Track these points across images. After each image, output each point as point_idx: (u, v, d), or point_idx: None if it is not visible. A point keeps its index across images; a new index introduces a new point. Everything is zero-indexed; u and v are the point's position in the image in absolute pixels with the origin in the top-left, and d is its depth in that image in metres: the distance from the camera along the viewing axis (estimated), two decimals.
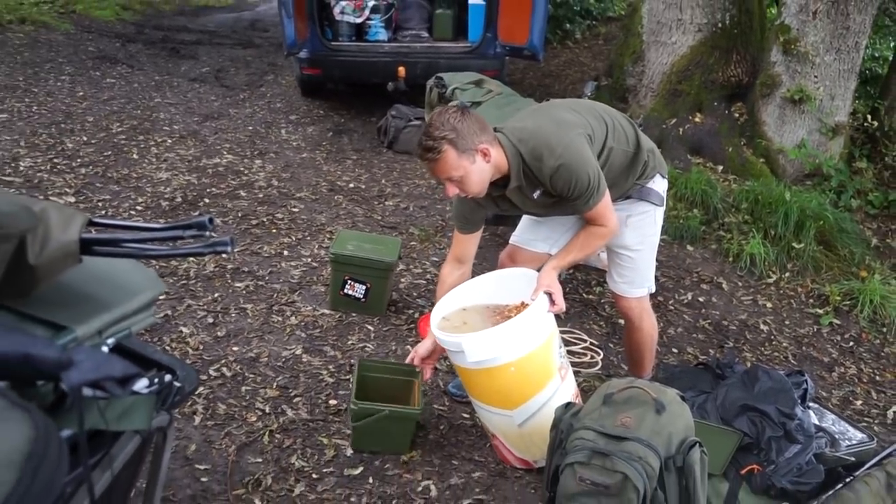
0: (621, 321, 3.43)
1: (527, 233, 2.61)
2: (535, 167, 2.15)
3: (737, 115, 5.32)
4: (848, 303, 3.85)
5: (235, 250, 3.67)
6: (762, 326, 3.64)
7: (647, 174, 2.40)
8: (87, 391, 1.01)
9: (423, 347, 2.41)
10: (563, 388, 2.28)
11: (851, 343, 3.61)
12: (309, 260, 3.70)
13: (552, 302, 2.22)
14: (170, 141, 5.10)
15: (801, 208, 4.29)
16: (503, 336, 2.13)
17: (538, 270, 2.34)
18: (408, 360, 2.46)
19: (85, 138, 4.92)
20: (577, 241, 2.34)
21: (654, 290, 2.62)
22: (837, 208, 4.60)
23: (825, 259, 4.19)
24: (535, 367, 2.21)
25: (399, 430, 2.41)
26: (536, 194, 2.24)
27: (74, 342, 1.22)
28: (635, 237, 2.48)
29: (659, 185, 2.45)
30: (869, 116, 5.25)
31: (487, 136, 2.13)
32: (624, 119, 2.39)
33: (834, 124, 4.97)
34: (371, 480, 2.33)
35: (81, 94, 5.83)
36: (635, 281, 2.56)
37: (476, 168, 2.12)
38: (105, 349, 1.28)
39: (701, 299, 3.81)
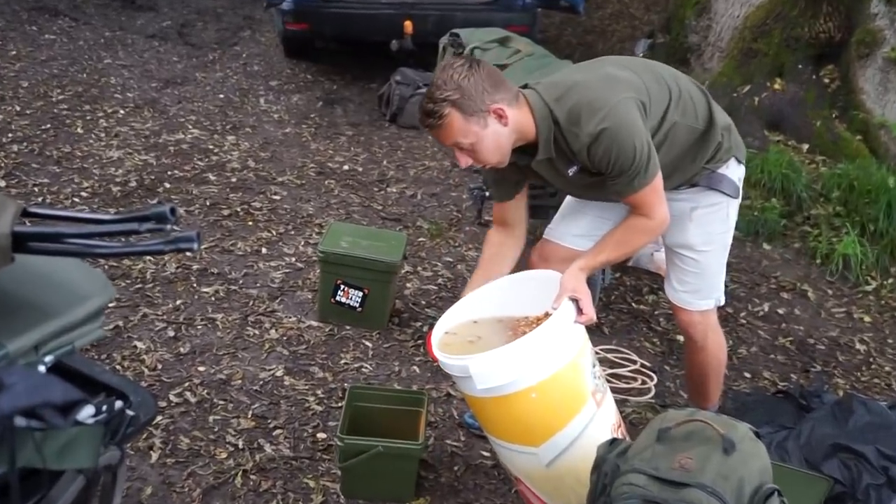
0: (681, 338, 3.42)
1: (563, 225, 2.61)
2: (571, 134, 2.14)
3: (827, 80, 5.29)
4: None
5: (202, 247, 3.69)
6: (858, 346, 3.62)
7: (720, 157, 2.37)
8: (20, 421, 1.02)
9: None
10: (599, 417, 2.26)
11: None
12: (293, 259, 3.72)
13: (579, 311, 2.20)
14: (122, 112, 5.14)
15: None
16: (519, 355, 2.10)
17: None
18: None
19: (18, 108, 4.98)
20: (614, 236, 2.31)
21: (722, 302, 2.60)
22: None
23: None
24: (562, 391, 2.19)
25: (398, 471, 2.41)
26: (572, 171, 2.22)
27: (5, 360, 1.24)
28: (702, 235, 2.46)
29: (734, 171, 2.43)
30: None
31: (504, 94, 2.13)
32: (694, 87, 2.37)
33: None
34: None
35: (14, 53, 5.89)
36: (701, 290, 2.54)
37: (490, 133, 2.12)
38: (42, 369, 1.29)
39: (781, 311, 3.79)
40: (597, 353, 3.27)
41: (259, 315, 3.30)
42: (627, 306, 3.68)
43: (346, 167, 4.77)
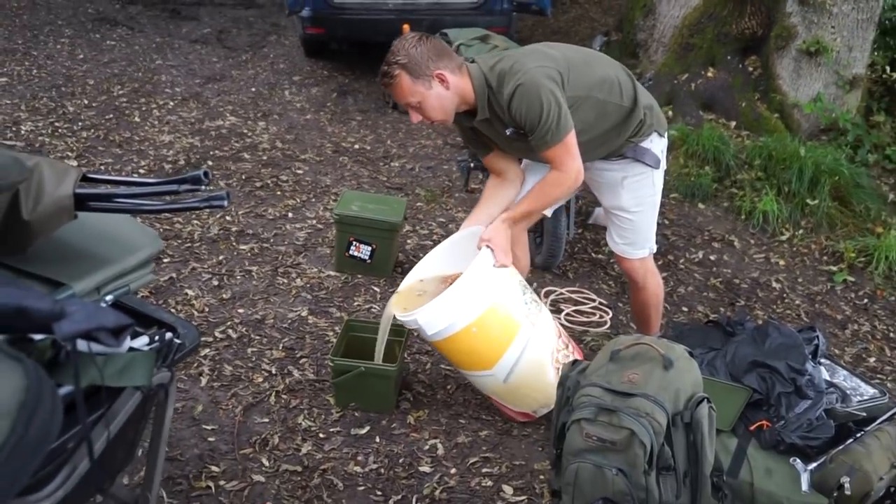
0: None
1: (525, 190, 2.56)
2: (500, 95, 2.14)
3: (751, 68, 5.22)
4: (862, 260, 3.82)
5: (240, 212, 3.66)
6: (774, 284, 3.61)
7: (644, 132, 2.33)
8: (83, 346, 1.01)
9: None
10: (538, 335, 2.26)
11: (866, 300, 3.59)
12: (314, 222, 3.69)
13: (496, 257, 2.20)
14: (172, 103, 5.06)
15: (815, 164, 4.21)
16: (450, 302, 2.12)
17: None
18: None
19: (86, 101, 4.90)
20: (533, 190, 2.29)
21: (655, 250, 2.58)
22: (853, 164, 4.52)
23: (840, 215, 4.14)
24: (498, 322, 2.20)
25: (379, 387, 2.41)
26: (509, 132, 2.21)
27: (72, 299, 1.22)
28: (632, 199, 2.43)
29: (656, 144, 2.39)
30: (888, 68, 5.13)
31: (446, 63, 2.14)
32: (623, 73, 2.34)
33: (851, 77, 4.87)
34: (378, 440, 2.35)
35: (81, 56, 5.79)
36: (636, 242, 2.52)
37: (433, 94, 2.15)
38: (103, 306, 1.28)
39: (712, 258, 3.78)
40: (562, 293, 3.29)
41: (287, 267, 3.28)
42: (588, 256, 3.67)
43: (356, 146, 4.72)
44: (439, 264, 2.41)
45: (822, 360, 2.46)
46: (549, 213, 2.66)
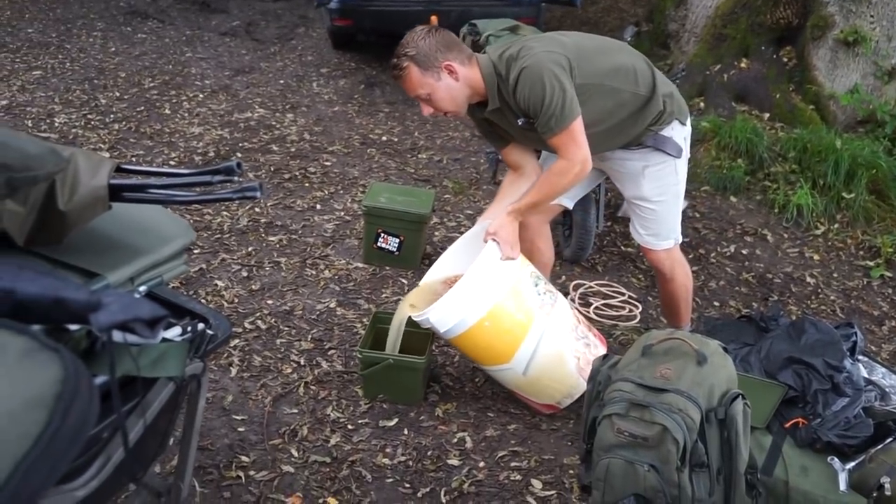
0: None
1: None
2: (507, 82, 2.12)
3: (785, 59, 5.11)
4: None
5: (269, 204, 3.68)
6: (809, 279, 3.54)
7: (664, 120, 2.29)
8: (118, 337, 1.01)
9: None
10: (553, 324, 2.24)
11: None
12: (342, 213, 3.69)
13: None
14: (201, 96, 5.10)
15: (852, 156, 4.12)
16: (459, 298, 2.12)
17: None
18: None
19: (118, 94, 4.96)
20: (539, 180, 2.26)
21: (680, 241, 2.54)
22: (891, 156, 4.40)
23: (877, 209, 4.04)
24: (510, 314, 2.19)
25: (407, 379, 2.40)
26: (521, 122, 2.19)
27: (107, 289, 1.23)
28: (655, 189, 2.39)
29: (678, 132, 2.34)
30: None
31: (455, 55, 2.14)
32: (642, 61, 2.30)
33: (890, 67, 4.74)
34: (406, 432, 2.35)
35: (113, 49, 5.86)
36: (660, 233, 2.48)
37: (443, 85, 2.14)
38: (137, 297, 1.28)
39: (744, 252, 3.72)
40: (591, 287, 3.26)
41: (315, 259, 3.29)
42: (617, 249, 3.63)
43: (384, 138, 4.71)
44: (454, 264, 2.40)
45: (860, 357, 2.41)
46: (570, 204, 2.62)
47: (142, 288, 1.31)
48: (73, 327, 1.04)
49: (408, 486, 2.15)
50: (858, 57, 4.73)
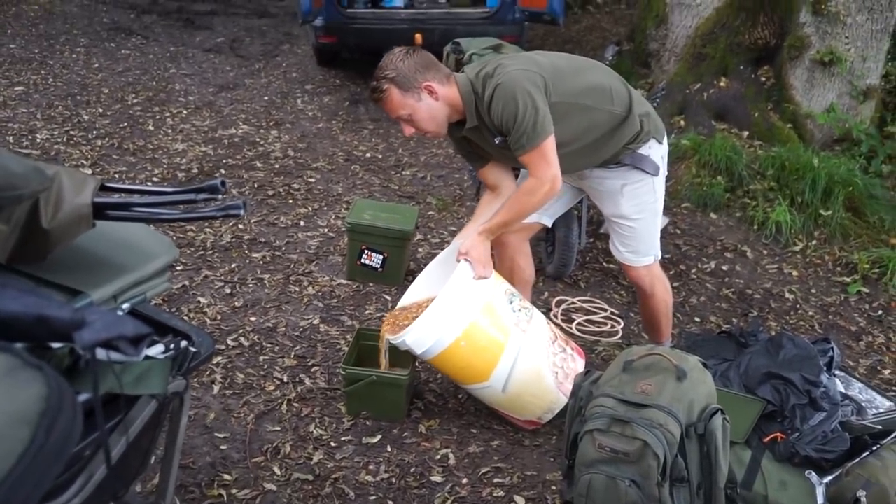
0: None
1: None
2: (483, 99, 2.14)
3: (763, 79, 5.20)
4: (877, 271, 3.78)
5: (252, 220, 3.68)
6: (787, 295, 3.59)
7: (641, 139, 2.31)
8: (101, 354, 1.02)
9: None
10: (529, 341, 2.26)
11: (880, 312, 3.56)
12: (326, 230, 3.70)
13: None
14: (185, 112, 5.11)
15: (829, 174, 4.19)
16: (433, 320, 2.13)
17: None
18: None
19: (101, 110, 4.95)
20: (509, 200, 2.27)
21: (660, 257, 2.56)
22: (867, 174, 4.49)
23: (854, 226, 4.11)
24: (485, 333, 2.21)
25: (390, 396, 2.41)
26: (498, 140, 2.21)
27: (90, 307, 1.24)
28: (633, 207, 2.41)
29: (655, 151, 2.37)
30: None
31: (434, 74, 2.16)
32: (618, 81, 2.33)
33: (865, 87, 4.85)
34: (389, 449, 2.35)
35: (97, 65, 5.85)
36: (639, 250, 2.50)
37: (423, 106, 2.16)
38: (120, 314, 1.29)
39: (724, 268, 3.76)
40: (573, 303, 3.28)
41: (299, 275, 3.29)
42: (599, 265, 3.66)
43: (368, 155, 4.74)
44: (429, 285, 2.42)
45: (837, 372, 2.45)
46: (548, 222, 2.64)
47: (125, 305, 1.32)
48: (57, 345, 1.04)
49: (391, 503, 2.15)
50: (834, 77, 4.83)
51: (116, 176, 4.05)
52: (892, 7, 4.71)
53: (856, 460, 2.03)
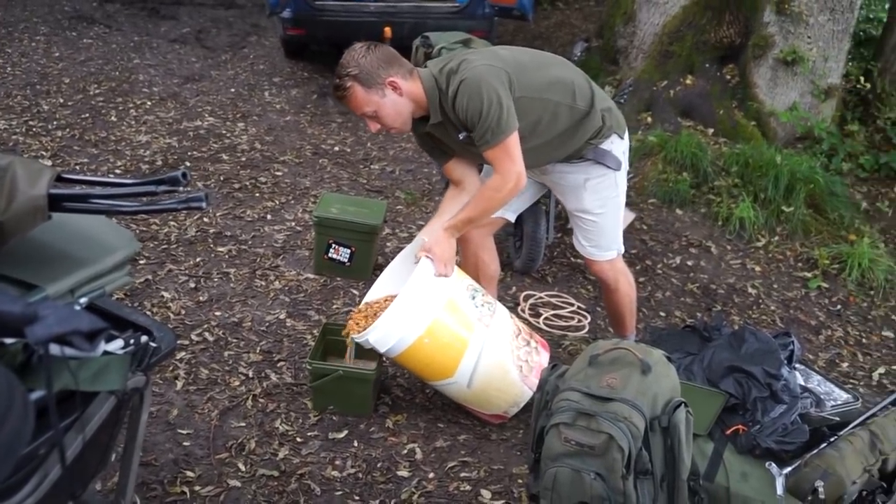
0: None
1: None
2: (447, 95, 2.13)
3: (728, 77, 5.27)
4: (836, 266, 3.87)
5: (218, 214, 3.63)
6: (750, 290, 3.65)
7: (603, 134, 2.33)
8: (55, 350, 0.99)
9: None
10: (493, 335, 2.27)
11: (839, 306, 3.64)
12: (293, 224, 3.66)
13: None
14: (149, 103, 5.01)
15: (791, 171, 4.27)
16: (395, 318, 2.13)
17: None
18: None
19: (61, 100, 4.83)
20: (474, 197, 2.28)
21: (623, 251, 2.58)
22: (828, 171, 4.59)
23: (814, 223, 4.19)
24: (448, 329, 2.21)
25: (358, 391, 2.40)
26: (462, 136, 2.20)
27: (45, 301, 1.20)
28: (595, 201, 2.43)
29: (617, 146, 2.38)
30: (862, 79, 5.21)
31: (397, 70, 2.14)
32: (581, 77, 2.34)
33: (826, 86, 4.94)
34: (356, 444, 2.33)
35: (57, 54, 5.71)
36: (602, 244, 2.52)
37: (388, 102, 2.15)
38: (77, 308, 1.26)
39: (689, 263, 3.81)
40: (541, 297, 3.30)
41: (265, 269, 3.25)
42: (567, 260, 3.69)
43: (336, 148, 4.70)
44: (393, 282, 2.40)
45: (797, 366, 2.49)
46: (512, 217, 2.64)
47: (83, 300, 1.29)
48: (9, 340, 1.01)
49: (357, 498, 2.14)
50: (797, 76, 4.92)
51: (77, 168, 3.96)
52: (852, 8, 4.80)
53: (814, 451, 2.06)
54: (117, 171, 3.98)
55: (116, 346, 1.27)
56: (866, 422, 2.17)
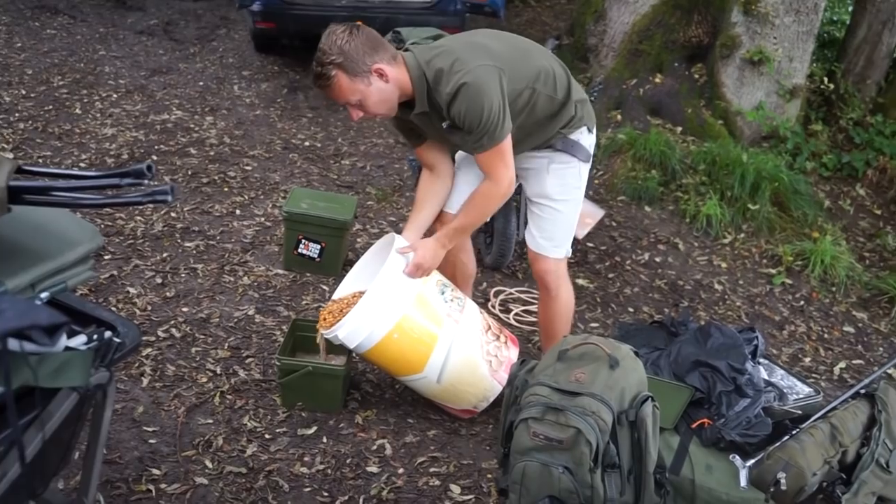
0: (579, 281, 3.47)
1: (455, 196, 2.40)
2: (437, 93, 2.06)
3: (697, 76, 5.34)
4: (800, 263, 3.95)
5: (185, 209, 3.58)
6: (716, 286, 3.71)
7: (574, 125, 2.29)
8: (14, 345, 0.97)
9: None
10: (462, 331, 2.28)
11: (802, 302, 3.71)
12: (262, 219, 3.63)
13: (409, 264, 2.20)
14: (115, 96, 4.92)
15: (757, 170, 4.34)
16: (364, 313, 2.13)
17: None
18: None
19: (24, 92, 4.72)
20: (465, 205, 2.24)
21: (570, 255, 2.48)
22: (792, 170, 4.68)
23: (779, 220, 4.27)
24: (418, 324, 2.22)
25: (327, 387, 2.39)
26: (445, 125, 2.14)
27: (4, 295, 1.17)
28: (558, 187, 2.33)
29: (585, 139, 2.34)
30: (825, 79, 5.32)
31: (383, 55, 2.03)
32: (558, 65, 2.29)
33: (791, 87, 5.03)
34: (325, 440, 2.32)
35: (19, 45, 5.58)
36: (554, 237, 2.39)
37: (374, 90, 2.04)
38: (37, 303, 1.23)
39: (657, 259, 3.86)
40: (511, 293, 3.31)
41: (234, 265, 3.22)
42: None
43: (307, 143, 4.66)
44: (363, 277, 2.39)
45: (761, 360, 2.54)
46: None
47: (43, 294, 1.26)
48: None
49: (326, 494, 2.13)
50: (763, 76, 5.00)
51: (40, 161, 3.88)
52: (817, 10, 4.89)
53: (777, 444, 2.10)
54: (82, 165, 3.90)
55: (79, 341, 1.24)
56: (827, 415, 2.22)
